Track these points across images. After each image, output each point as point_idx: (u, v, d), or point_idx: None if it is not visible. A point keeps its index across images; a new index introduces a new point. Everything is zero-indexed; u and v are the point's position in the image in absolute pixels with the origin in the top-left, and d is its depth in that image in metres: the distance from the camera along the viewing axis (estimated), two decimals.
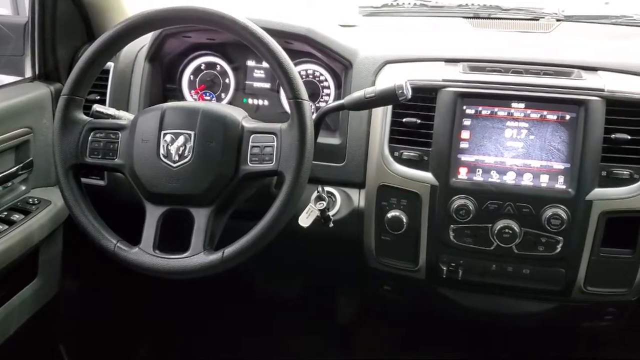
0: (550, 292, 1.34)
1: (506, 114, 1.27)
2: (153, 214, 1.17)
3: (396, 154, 1.32)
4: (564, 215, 1.23)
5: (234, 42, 1.45)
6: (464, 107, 1.28)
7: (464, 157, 1.28)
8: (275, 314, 2.03)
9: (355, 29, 1.66)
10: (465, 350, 1.93)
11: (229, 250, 1.12)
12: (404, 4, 1.86)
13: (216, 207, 1.16)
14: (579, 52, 1.40)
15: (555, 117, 1.25)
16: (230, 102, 1.56)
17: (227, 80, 1.56)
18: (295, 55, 1.47)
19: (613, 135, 1.22)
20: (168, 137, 1.16)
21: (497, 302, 1.46)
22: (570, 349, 1.88)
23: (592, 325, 1.49)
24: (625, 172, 1.23)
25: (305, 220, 1.28)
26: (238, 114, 1.20)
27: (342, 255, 1.58)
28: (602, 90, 1.24)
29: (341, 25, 1.59)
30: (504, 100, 1.27)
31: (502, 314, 1.52)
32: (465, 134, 1.28)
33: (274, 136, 1.15)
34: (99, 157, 1.20)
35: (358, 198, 1.40)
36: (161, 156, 1.16)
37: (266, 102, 1.55)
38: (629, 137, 1.22)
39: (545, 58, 1.36)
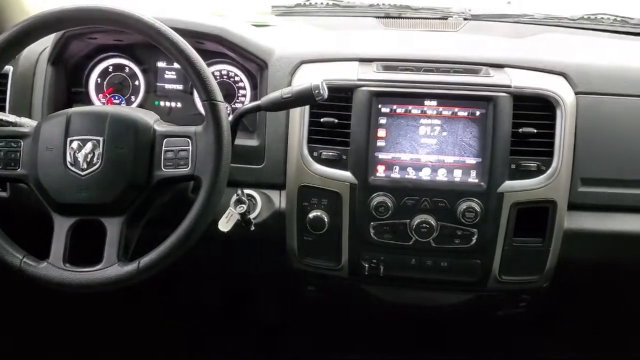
0: (468, 283, 1.39)
1: (420, 111, 1.29)
2: (62, 226, 1.11)
3: (315, 154, 1.32)
4: (477, 208, 1.27)
5: (143, 43, 1.40)
6: (379, 106, 1.29)
7: (381, 155, 1.30)
8: (197, 319, 1.99)
9: (269, 29, 1.64)
10: (394, 344, 1.96)
11: (145, 260, 1.08)
12: (316, 3, 1.86)
13: (129, 216, 1.12)
14: (486, 50, 1.45)
15: (466, 114, 1.28)
16: (140, 105, 1.50)
17: (136, 83, 1.50)
18: (208, 55, 1.43)
19: (520, 130, 1.28)
20: (75, 144, 1.10)
21: (419, 295, 1.50)
22: (489, 337, 1.96)
23: (508, 312, 1.55)
24: (532, 165, 1.28)
25: (225, 224, 1.25)
26: (149, 118, 1.16)
27: (265, 257, 1.56)
28: (509, 86, 1.29)
29: (254, 25, 1.57)
30: (417, 98, 1.29)
31: (424, 307, 1.56)
32: (381, 133, 1.29)
33: (188, 139, 1.12)
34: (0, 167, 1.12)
35: (279, 199, 1.38)
36: (68, 164, 1.10)
37: (179, 105, 1.50)
38: (535, 130, 1.28)
39: (454, 56, 1.40)
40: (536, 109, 1.29)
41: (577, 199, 1.34)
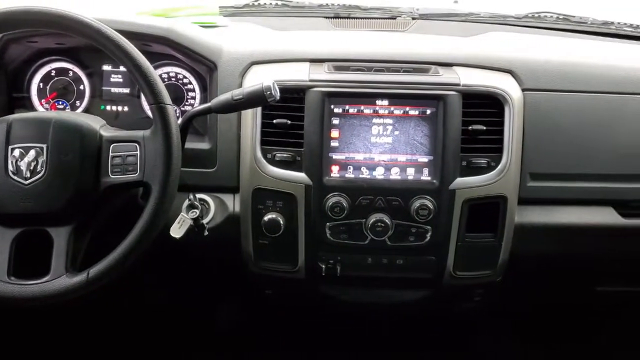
0: (423, 280, 1.40)
1: (372, 111, 1.30)
2: (5, 238, 1.06)
3: (269, 155, 1.30)
4: (430, 205, 1.28)
5: (87, 46, 1.36)
6: (332, 107, 1.29)
7: (335, 156, 1.29)
8: (152, 328, 1.94)
9: (218, 30, 1.62)
10: (354, 344, 1.97)
11: (95, 270, 1.05)
12: (265, 4, 1.85)
13: (77, 225, 1.08)
14: (435, 49, 1.46)
15: (417, 113, 1.29)
16: (86, 110, 1.45)
17: (81, 87, 1.45)
18: (155, 57, 1.40)
19: (470, 127, 1.29)
20: (17, 152, 1.06)
21: (376, 293, 1.51)
22: (446, 332, 1.99)
23: (463, 307, 1.57)
24: (482, 161, 1.30)
25: (177, 230, 1.23)
26: (95, 123, 1.12)
27: (220, 262, 1.54)
28: (458, 84, 1.30)
29: (202, 26, 1.54)
30: (369, 98, 1.29)
31: (381, 305, 1.56)
32: (335, 133, 1.29)
33: (136, 144, 1.09)
34: None
35: (233, 203, 1.36)
36: (10, 173, 1.06)
37: (126, 109, 1.46)
38: (485, 127, 1.30)
39: (404, 55, 1.41)
40: (485, 107, 1.32)
41: (526, 194, 1.37)
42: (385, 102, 1.30)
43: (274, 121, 1.30)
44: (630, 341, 1.93)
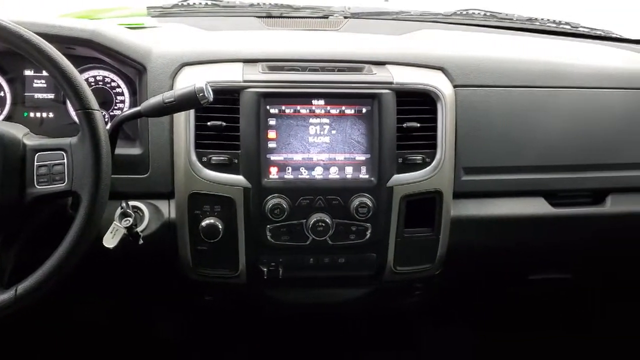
0: (365, 277, 1.41)
1: (308, 111, 1.29)
2: None
3: (204, 159, 1.27)
4: (369, 203, 1.29)
5: (6, 51, 1.28)
6: (268, 107, 1.27)
7: (273, 157, 1.28)
8: (90, 340, 1.87)
9: (146, 31, 1.56)
10: (300, 345, 1.96)
11: (23, 286, 0.99)
12: (195, 4, 1.81)
13: (2, 239, 1.03)
14: (368, 48, 1.47)
15: (353, 112, 1.30)
16: (7, 118, 1.37)
17: (1, 94, 1.37)
18: (80, 61, 1.34)
19: (405, 124, 1.31)
20: None
21: (319, 293, 1.51)
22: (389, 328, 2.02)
23: (405, 302, 1.59)
24: (418, 157, 1.32)
25: (110, 240, 1.18)
26: (17, 131, 1.06)
27: (158, 271, 1.49)
28: (392, 83, 1.32)
29: (129, 27, 1.49)
30: (305, 98, 1.29)
31: (325, 304, 1.56)
32: (272, 134, 1.28)
33: (63, 152, 1.04)
34: None
35: (168, 209, 1.32)
36: None
37: (51, 115, 1.39)
38: (419, 124, 1.32)
39: (338, 55, 1.41)
40: (418, 104, 1.33)
41: (461, 188, 1.40)
42: (322, 102, 1.29)
43: (208, 123, 1.27)
44: (562, 325, 2.01)
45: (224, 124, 1.27)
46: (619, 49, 1.73)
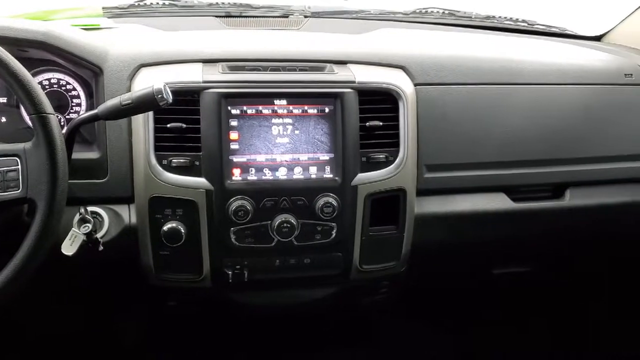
0: (331, 277, 1.40)
1: (270, 111, 1.28)
2: None
3: (165, 162, 1.25)
4: (334, 202, 1.29)
5: None
6: (229, 108, 1.25)
7: (235, 158, 1.26)
8: (52, 351, 1.82)
9: (102, 32, 1.52)
10: (267, 348, 1.94)
11: None
12: (151, 4, 1.77)
13: None
14: (329, 47, 1.47)
15: (315, 111, 1.29)
16: None
17: None
18: (34, 63, 1.30)
19: (367, 123, 1.31)
20: None
21: (286, 294, 1.49)
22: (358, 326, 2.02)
23: (371, 300, 1.59)
24: (381, 156, 1.32)
25: (69, 247, 1.15)
26: None
27: (120, 277, 1.46)
28: (353, 82, 1.31)
29: (84, 28, 1.45)
30: (267, 98, 1.28)
31: (291, 306, 1.55)
32: (234, 135, 1.26)
33: (17, 158, 1.00)
34: None
35: (128, 214, 1.29)
36: None
37: (4, 119, 1.34)
38: (381, 123, 1.32)
39: (300, 54, 1.40)
40: (380, 103, 1.34)
41: (424, 185, 1.41)
42: (284, 102, 1.28)
43: (168, 125, 1.24)
44: (526, 318, 2.05)
45: (184, 125, 1.24)
46: (574, 46, 1.77)
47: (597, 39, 1.93)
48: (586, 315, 2.01)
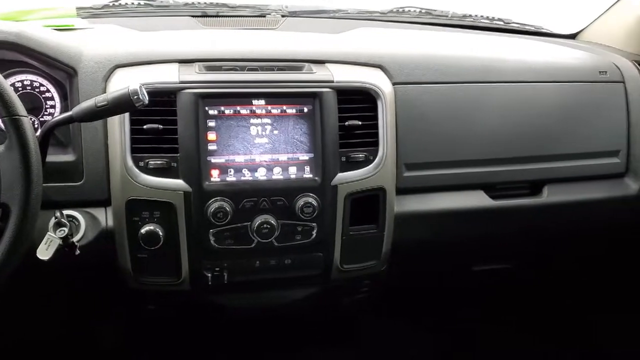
0: (312, 277, 1.40)
1: (249, 111, 1.27)
2: None
3: (141, 163, 1.23)
4: (314, 202, 1.28)
5: None
6: (206, 108, 1.24)
7: (214, 159, 1.25)
8: (30, 355, 1.78)
9: (76, 32, 1.50)
10: (246, 350, 1.93)
11: None
12: (126, 4, 1.75)
13: None
14: (307, 47, 1.46)
15: (294, 111, 1.29)
16: None
17: None
18: (6, 65, 1.28)
19: (347, 123, 1.31)
20: None
21: (266, 296, 1.48)
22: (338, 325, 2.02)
23: (352, 300, 1.59)
24: (360, 155, 1.32)
25: (44, 252, 1.12)
26: None
27: (97, 281, 1.44)
28: (332, 81, 1.31)
29: (58, 29, 1.42)
30: (245, 98, 1.27)
31: (272, 307, 1.55)
32: (211, 136, 1.25)
33: None
34: None
35: (105, 217, 1.27)
36: None
37: None
38: (360, 122, 1.32)
39: (277, 54, 1.39)
40: (359, 102, 1.34)
41: (403, 184, 1.41)
42: (262, 102, 1.27)
43: (144, 127, 1.23)
44: (506, 315, 2.07)
45: (160, 126, 1.23)
46: (550, 44, 1.79)
47: (572, 37, 1.96)
48: (565, 312, 2.03)
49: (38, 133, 1.09)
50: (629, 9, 1.74)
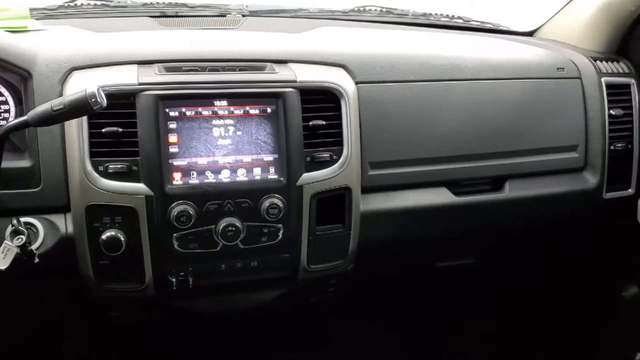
0: (279, 278, 1.39)
1: (211, 112, 1.25)
2: None
3: (101, 168, 1.20)
4: (280, 203, 1.27)
5: None
6: (167, 110, 1.22)
7: (176, 162, 1.23)
8: None
9: (29, 34, 1.45)
10: (218, 352, 1.91)
11: None
12: (82, 4, 1.70)
13: None
14: (269, 46, 1.46)
15: (257, 112, 1.28)
16: None
17: None
18: None
19: (311, 123, 1.31)
20: None
21: (233, 299, 1.47)
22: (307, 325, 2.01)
23: (320, 299, 1.59)
24: (325, 155, 1.32)
25: (2, 261, 1.10)
26: None
27: (59, 289, 1.40)
28: (295, 81, 1.31)
29: (10, 31, 1.38)
30: (206, 99, 1.25)
31: (238, 310, 1.53)
32: (173, 138, 1.23)
33: None
34: None
35: (65, 224, 1.24)
36: None
37: None
38: (324, 122, 1.32)
39: (239, 54, 1.38)
40: (322, 102, 1.33)
41: (368, 182, 1.42)
42: (224, 103, 1.26)
43: (103, 130, 1.20)
44: (471, 309, 2.10)
45: (120, 129, 1.21)
46: (509, 41, 1.82)
47: (530, 34, 1.99)
48: (529, 304, 2.07)
49: None
50: (583, 6, 1.78)
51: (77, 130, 1.20)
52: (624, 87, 1.65)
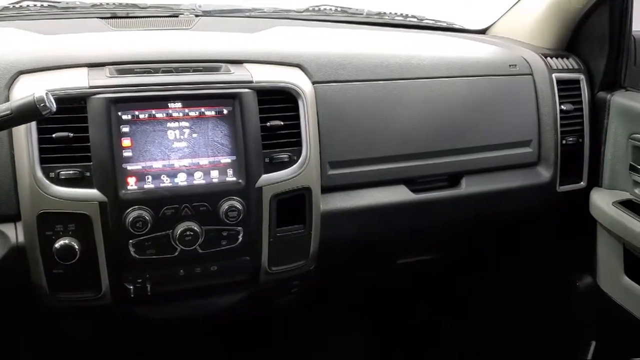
0: (240, 282, 1.38)
1: (165, 115, 1.23)
2: None
3: (52, 174, 1.17)
4: (239, 206, 1.26)
5: None
6: (119, 114, 1.19)
7: (129, 166, 1.20)
8: None
9: None
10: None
11: None
12: (28, 6, 1.64)
13: None
14: (223, 47, 1.44)
15: (213, 113, 1.26)
16: None
17: None
18: None
19: (268, 124, 1.29)
20: None
21: (193, 305, 1.44)
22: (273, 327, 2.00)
23: (283, 301, 1.58)
24: (284, 156, 1.31)
25: None
26: None
27: (11, 301, 1.35)
28: (251, 82, 1.29)
29: None
30: (160, 101, 1.23)
31: (199, 316, 1.51)
32: (126, 142, 1.20)
33: None
34: None
35: (15, 233, 1.20)
36: None
37: None
38: (282, 123, 1.31)
39: (193, 54, 1.36)
40: (280, 102, 1.33)
41: (328, 182, 1.42)
42: (179, 105, 1.23)
43: (54, 135, 1.16)
44: (431, 305, 2.12)
45: (71, 134, 1.17)
46: (462, 39, 1.84)
47: (482, 32, 2.02)
48: (487, 297, 2.10)
49: None
50: (533, 4, 1.82)
51: (25, 136, 1.16)
52: (573, 83, 1.69)
